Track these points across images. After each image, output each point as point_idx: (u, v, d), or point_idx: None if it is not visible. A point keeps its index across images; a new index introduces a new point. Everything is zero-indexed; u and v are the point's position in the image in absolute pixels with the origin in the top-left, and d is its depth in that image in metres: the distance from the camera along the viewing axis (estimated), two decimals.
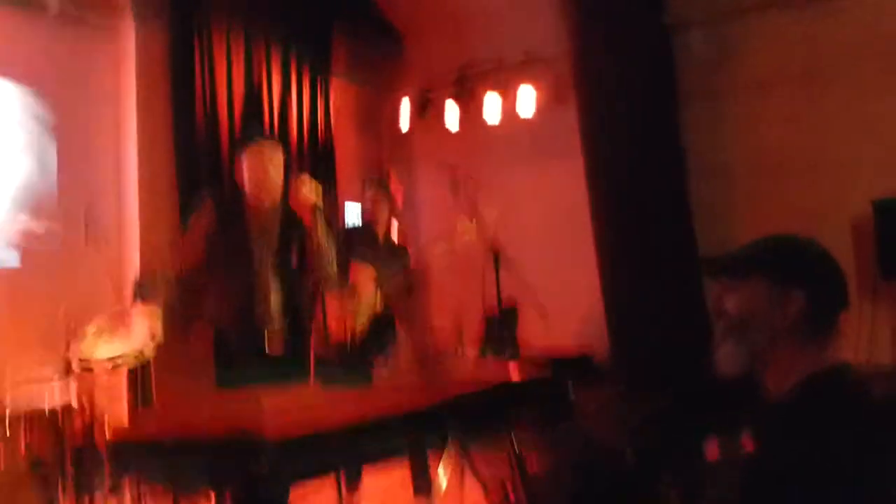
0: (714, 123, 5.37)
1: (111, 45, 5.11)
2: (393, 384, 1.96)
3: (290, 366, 2.61)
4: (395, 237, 4.28)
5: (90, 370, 3.10)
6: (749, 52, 5.29)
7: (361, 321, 3.77)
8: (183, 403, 2.27)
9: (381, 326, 3.90)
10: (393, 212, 4.18)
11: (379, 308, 3.88)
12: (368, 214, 4.14)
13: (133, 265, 4.88)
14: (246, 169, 2.82)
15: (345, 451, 1.60)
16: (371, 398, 1.81)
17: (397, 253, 4.20)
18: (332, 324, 3.75)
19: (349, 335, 3.69)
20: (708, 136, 5.34)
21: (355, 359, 3.24)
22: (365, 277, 3.85)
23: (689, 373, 4.35)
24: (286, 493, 1.65)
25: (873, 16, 4.82)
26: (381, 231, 4.12)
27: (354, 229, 4.23)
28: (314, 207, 2.68)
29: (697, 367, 4.49)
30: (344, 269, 3.78)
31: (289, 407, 1.76)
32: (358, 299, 3.83)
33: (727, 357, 1.38)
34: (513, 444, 2.36)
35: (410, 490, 4.04)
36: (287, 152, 3.26)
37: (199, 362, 2.70)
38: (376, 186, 4.18)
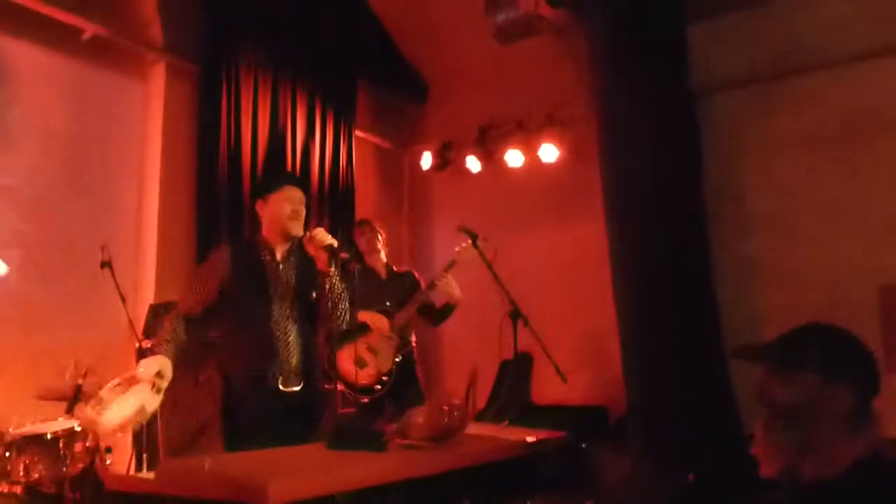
0: (739, 186, 5.34)
1: (141, 82, 5.19)
2: (406, 449, 1.87)
3: (300, 421, 2.53)
4: (393, 266, 4.29)
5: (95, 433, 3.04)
6: (774, 117, 5.28)
7: (383, 368, 3.73)
8: (186, 459, 2.18)
9: (404, 374, 3.84)
10: (385, 245, 4.25)
11: (398, 357, 3.85)
12: (365, 256, 4.20)
13: (148, 301, 4.84)
14: (270, 211, 2.79)
15: None
16: (383, 462, 1.72)
17: (404, 278, 4.20)
18: (351, 371, 3.70)
19: (374, 379, 3.64)
20: (731, 197, 5.30)
21: (369, 421, 3.18)
22: (381, 325, 3.83)
23: (713, 445, 4.23)
24: None
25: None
26: (379, 266, 4.12)
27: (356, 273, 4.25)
28: (330, 250, 2.63)
29: (721, 440, 4.39)
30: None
31: (295, 469, 1.68)
32: (376, 345, 3.79)
33: (776, 445, 1.40)
34: None
35: None
36: (308, 196, 3.28)
37: (206, 411, 2.62)
38: (365, 226, 4.27)
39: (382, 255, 4.25)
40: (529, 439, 2.04)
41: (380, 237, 4.23)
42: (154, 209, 5.07)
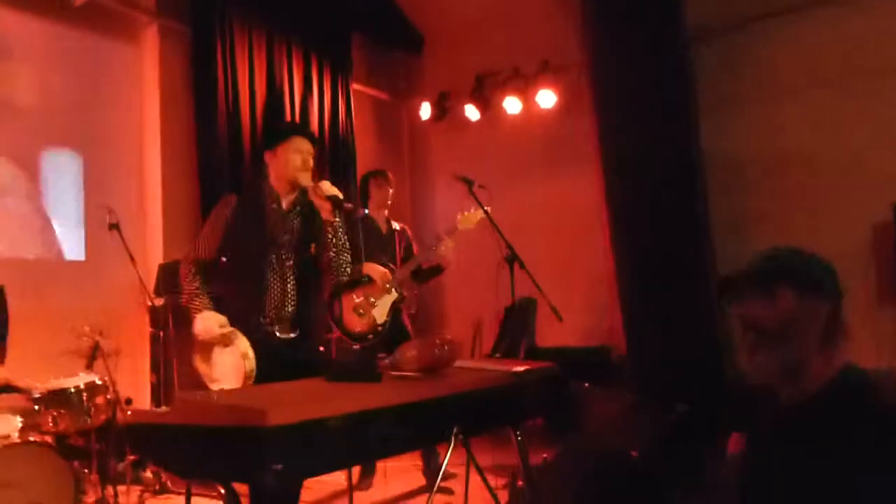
0: (733, 130, 5.36)
1: (134, 46, 5.24)
2: (399, 380, 2.00)
3: (298, 360, 2.64)
4: (393, 224, 4.38)
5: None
6: (768, 58, 5.28)
7: (381, 315, 3.85)
8: (197, 392, 2.32)
9: (395, 327, 3.99)
10: (391, 199, 4.33)
11: (395, 305, 3.98)
12: (372, 208, 4.28)
13: (157, 260, 4.98)
14: (279, 161, 2.81)
15: (350, 440, 1.64)
16: (377, 391, 1.85)
17: (401, 235, 4.32)
18: (350, 318, 3.84)
19: (368, 329, 3.78)
20: (727, 142, 5.33)
21: (365, 355, 3.31)
22: (383, 278, 3.94)
23: (705, 380, 4.38)
24: (298, 484, 1.68)
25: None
26: (381, 220, 4.24)
27: (357, 223, 4.33)
28: (334, 200, 2.70)
29: (712, 374, 4.52)
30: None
31: (294, 398, 1.81)
32: (376, 295, 3.91)
33: (761, 367, 1.43)
34: (518, 437, 2.39)
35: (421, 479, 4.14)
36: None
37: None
38: (381, 178, 4.32)
39: (386, 210, 4.33)
40: (517, 369, 2.17)
41: (390, 192, 4.33)
42: (157, 171, 5.18)
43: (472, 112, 6.48)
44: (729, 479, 1.64)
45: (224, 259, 2.78)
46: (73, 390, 3.52)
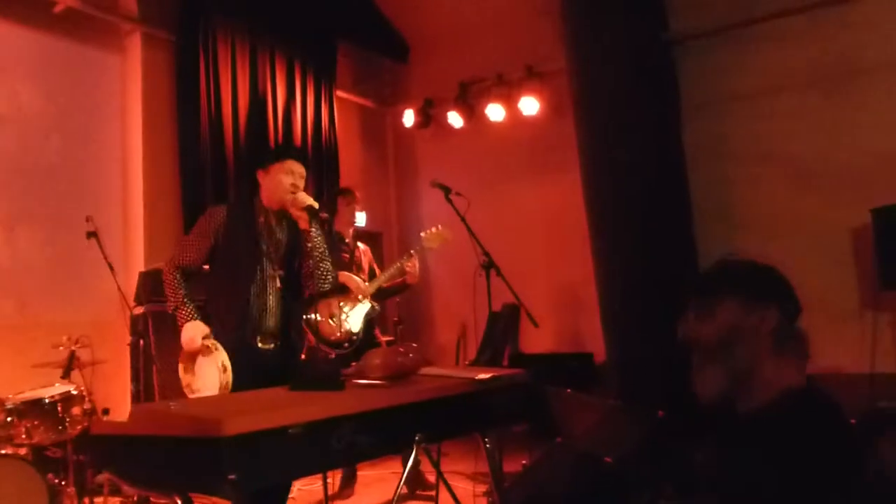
0: (714, 134, 5.40)
1: (117, 53, 5.24)
2: (363, 387, 2.00)
3: (278, 370, 2.64)
4: (359, 244, 4.43)
5: None
6: (747, 63, 5.32)
7: (356, 324, 3.87)
8: (155, 402, 2.32)
9: (370, 335, 4.02)
10: (355, 215, 4.38)
11: (368, 316, 4.02)
12: (342, 223, 4.32)
13: (138, 268, 4.98)
14: (270, 181, 2.83)
15: (310, 448, 1.63)
16: (339, 399, 1.85)
17: (365, 255, 4.37)
18: (326, 326, 3.87)
19: (344, 337, 3.80)
20: (708, 146, 5.37)
21: (328, 363, 3.30)
22: (360, 288, 3.97)
23: (685, 386, 4.38)
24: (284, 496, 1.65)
25: (878, 26, 4.84)
26: (349, 236, 4.30)
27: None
28: (310, 211, 2.71)
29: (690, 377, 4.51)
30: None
31: (254, 407, 1.81)
32: (352, 304, 3.95)
33: (708, 382, 1.38)
34: (486, 444, 2.39)
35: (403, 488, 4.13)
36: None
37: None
38: (350, 196, 4.35)
39: (352, 228, 4.39)
40: (481, 376, 2.16)
41: (357, 209, 4.40)
42: (139, 178, 5.17)
43: (456, 119, 6.50)
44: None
45: (208, 268, 2.79)
46: (48, 401, 3.50)
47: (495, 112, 6.31)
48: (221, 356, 2.55)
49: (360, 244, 4.40)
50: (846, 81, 4.93)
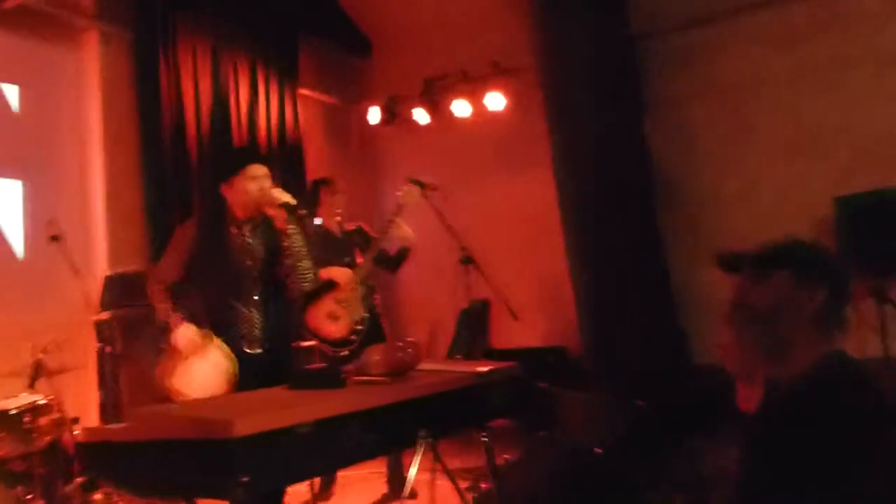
0: (679, 127, 5.49)
1: (73, 51, 5.06)
2: (365, 384, 1.97)
3: (267, 373, 2.61)
4: (346, 226, 4.27)
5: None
6: (713, 58, 5.41)
7: (355, 318, 3.76)
8: (152, 406, 2.25)
9: (371, 326, 3.91)
10: (340, 205, 4.22)
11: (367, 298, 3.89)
12: (323, 215, 4.18)
13: (101, 273, 4.82)
14: (237, 194, 2.79)
15: (320, 448, 1.60)
16: (344, 396, 1.81)
17: (356, 233, 4.21)
18: (326, 326, 3.76)
19: (349, 330, 3.70)
20: (673, 138, 5.45)
21: (330, 362, 3.25)
22: (345, 277, 3.85)
23: (663, 377, 4.45)
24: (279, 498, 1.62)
25: (844, 20, 4.97)
26: (333, 226, 4.15)
27: (313, 233, 4.25)
28: (287, 208, 2.67)
29: (671, 371, 4.59)
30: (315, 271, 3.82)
31: (258, 407, 1.76)
32: (345, 298, 3.81)
33: (745, 344, 1.45)
34: (484, 438, 2.39)
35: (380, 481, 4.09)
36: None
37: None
38: (333, 185, 4.22)
39: (338, 216, 4.24)
40: (481, 369, 2.16)
41: (340, 198, 4.24)
42: (99, 181, 5.01)
43: (421, 116, 6.47)
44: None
45: (189, 283, 2.75)
46: (14, 412, 3.36)
47: (461, 108, 6.30)
48: (224, 348, 2.53)
49: (348, 227, 4.24)
50: (811, 76, 5.06)
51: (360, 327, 3.74)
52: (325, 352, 3.73)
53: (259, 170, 2.82)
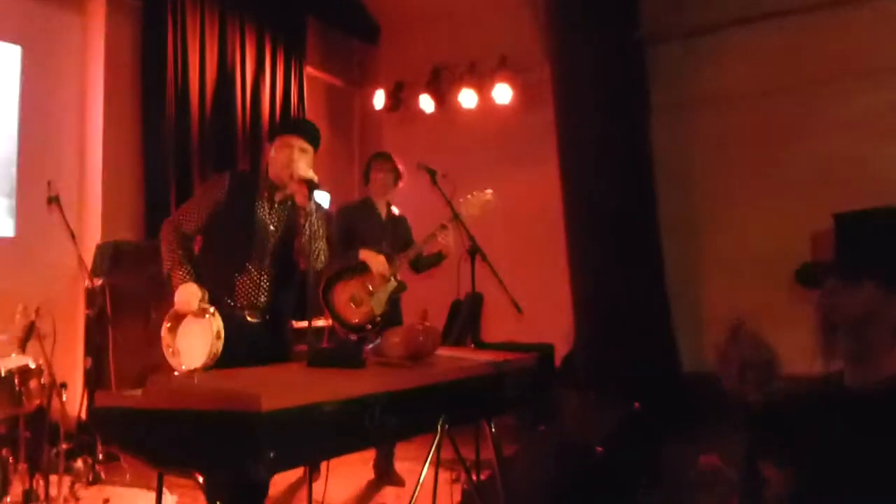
0: (684, 132, 5.50)
1: (80, 15, 4.96)
2: (385, 366, 1.94)
3: (264, 345, 2.59)
4: (393, 209, 4.15)
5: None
6: (720, 65, 5.43)
7: (380, 305, 3.68)
8: (173, 375, 2.20)
9: (396, 314, 3.83)
10: (396, 184, 4.06)
11: (394, 294, 3.80)
12: (373, 193, 4.06)
13: (95, 240, 4.74)
14: (273, 155, 2.77)
15: (343, 427, 1.56)
16: (367, 378, 1.78)
17: (400, 223, 4.10)
18: (346, 308, 3.68)
19: (367, 319, 3.62)
20: (677, 144, 5.46)
21: (349, 341, 3.20)
22: (382, 267, 3.73)
23: (658, 377, 4.47)
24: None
25: (848, 31, 4.99)
26: (382, 206, 4.04)
27: (354, 207, 4.13)
28: (310, 184, 2.63)
29: (665, 371, 4.61)
30: (346, 249, 3.74)
31: (282, 382, 1.72)
32: (374, 284, 3.71)
33: (837, 352, 1.45)
34: (490, 429, 2.37)
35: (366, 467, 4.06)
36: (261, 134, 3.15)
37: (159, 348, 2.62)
38: (385, 162, 4.06)
39: (388, 196, 4.09)
40: (499, 359, 2.14)
41: (398, 178, 4.06)
42: (98, 147, 4.92)
43: (427, 103, 6.42)
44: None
45: (204, 237, 2.68)
46: (3, 373, 3.28)
47: (467, 98, 6.25)
48: (217, 323, 2.48)
49: (395, 211, 4.11)
50: (815, 85, 5.08)
51: (378, 319, 3.66)
52: (336, 332, 3.65)
53: (298, 141, 2.78)
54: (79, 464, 3.93)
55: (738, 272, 5.08)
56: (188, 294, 2.54)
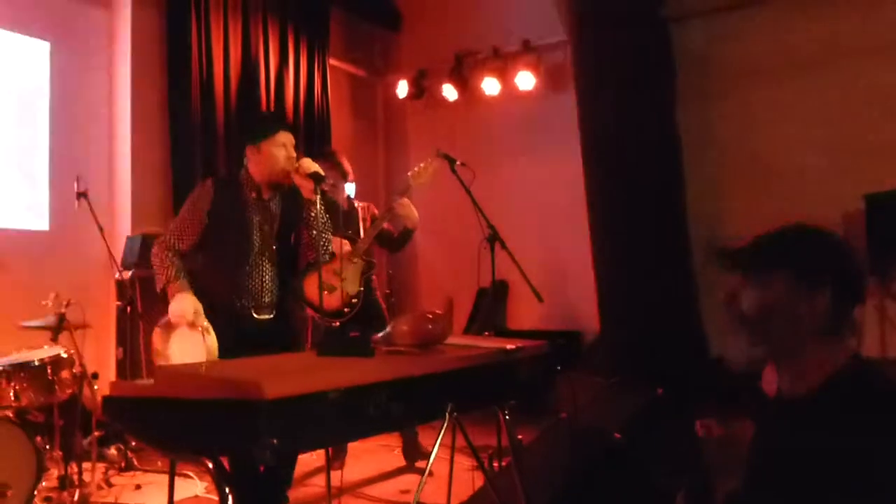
0: (710, 112, 5.39)
1: (106, 8, 5.05)
2: (394, 354, 1.95)
3: (274, 345, 2.60)
4: (355, 203, 4.20)
5: None
6: (747, 43, 5.30)
7: (350, 291, 3.71)
8: (181, 365, 2.24)
9: (370, 297, 3.87)
10: (344, 179, 4.11)
11: (365, 274, 3.82)
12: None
13: (125, 233, 4.83)
14: (264, 157, 2.76)
15: (348, 415, 1.58)
16: (374, 366, 1.80)
17: (365, 211, 4.15)
18: (318, 298, 3.72)
19: (342, 303, 3.66)
20: (703, 124, 5.36)
21: (356, 329, 3.22)
22: (344, 249, 3.71)
23: (683, 362, 4.42)
24: (293, 462, 1.60)
25: (873, 9, 4.84)
26: (341, 199, 4.08)
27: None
28: (316, 178, 2.64)
29: (691, 356, 4.55)
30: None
31: (289, 370, 1.75)
32: (341, 270, 3.77)
33: (745, 354, 1.35)
34: (506, 416, 2.37)
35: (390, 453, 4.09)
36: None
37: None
38: (332, 160, 4.07)
39: (345, 189, 4.19)
40: (509, 347, 2.14)
41: (345, 173, 4.11)
42: (127, 140, 5.01)
43: (450, 91, 6.41)
44: (715, 461, 1.57)
45: (203, 247, 2.73)
46: (37, 363, 3.38)
47: (490, 86, 6.22)
48: (210, 341, 2.51)
49: (357, 203, 4.19)
50: (843, 66, 4.93)
51: (354, 300, 3.69)
52: (316, 321, 3.69)
53: (288, 137, 2.80)
54: (112, 451, 4.06)
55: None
56: (184, 305, 2.56)
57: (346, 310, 3.64)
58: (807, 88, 5.10)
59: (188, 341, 2.53)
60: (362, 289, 3.76)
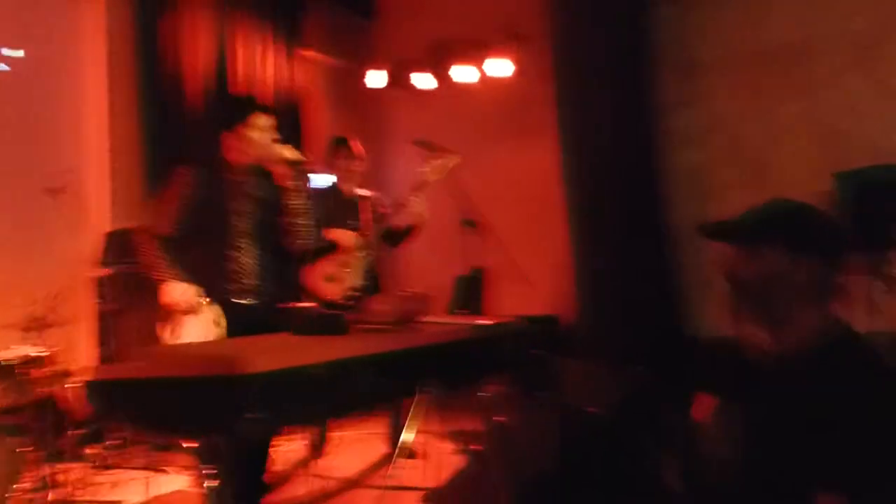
0: (691, 97, 5.40)
1: (76, 4, 4.98)
2: (370, 332, 1.97)
3: (258, 324, 2.60)
4: (359, 190, 4.17)
5: None
6: (728, 25, 5.31)
7: (353, 284, 3.70)
8: (165, 346, 2.25)
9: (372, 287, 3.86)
10: (360, 169, 4.09)
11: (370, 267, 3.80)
12: (339, 178, 4.09)
13: (100, 225, 4.78)
14: (244, 142, 2.76)
15: (328, 391, 1.60)
16: (351, 342, 1.82)
17: (371, 200, 4.13)
18: (321, 286, 3.70)
19: (346, 294, 3.65)
20: (684, 109, 5.37)
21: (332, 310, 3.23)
22: (348, 240, 3.76)
23: (662, 341, 4.47)
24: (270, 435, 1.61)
25: None
26: (346, 188, 4.07)
27: (323, 191, 4.15)
28: (290, 164, 2.65)
29: (668, 335, 4.60)
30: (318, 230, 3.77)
31: (268, 347, 1.77)
32: (346, 262, 3.73)
33: (744, 322, 1.42)
34: (485, 396, 2.40)
35: (378, 442, 4.10)
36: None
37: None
38: (343, 147, 4.09)
39: (357, 176, 4.13)
40: (484, 322, 2.16)
41: (357, 161, 4.09)
42: (104, 134, 4.96)
43: (428, 80, 6.40)
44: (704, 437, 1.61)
45: (184, 234, 2.73)
46: (7, 363, 3.34)
47: (467, 74, 6.23)
48: (214, 311, 2.53)
49: (361, 192, 4.14)
50: (833, 49, 4.95)
51: (356, 293, 3.68)
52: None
53: (265, 120, 2.79)
54: (90, 450, 4.01)
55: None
56: (178, 292, 2.57)
57: (350, 302, 3.52)
58: (793, 68, 5.04)
59: (194, 326, 2.55)
60: (364, 282, 3.70)
